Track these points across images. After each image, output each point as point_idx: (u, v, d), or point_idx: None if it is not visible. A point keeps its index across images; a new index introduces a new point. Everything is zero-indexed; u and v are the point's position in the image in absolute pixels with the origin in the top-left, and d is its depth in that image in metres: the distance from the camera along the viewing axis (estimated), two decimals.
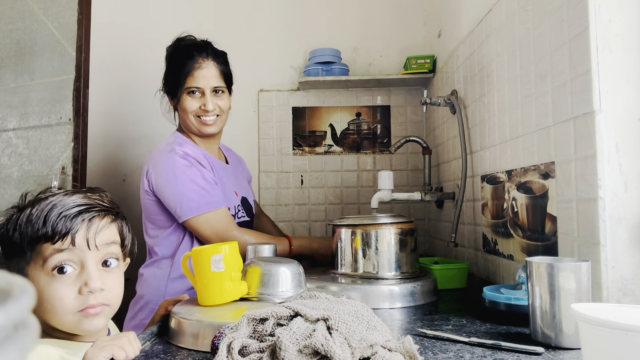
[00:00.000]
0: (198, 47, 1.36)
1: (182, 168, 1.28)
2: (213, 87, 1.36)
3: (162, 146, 1.36)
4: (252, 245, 1.09)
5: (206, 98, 1.34)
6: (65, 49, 1.82)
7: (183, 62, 1.34)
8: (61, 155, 1.79)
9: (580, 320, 0.52)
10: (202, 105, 1.34)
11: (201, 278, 0.83)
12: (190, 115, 1.35)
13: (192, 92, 1.34)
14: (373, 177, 2.15)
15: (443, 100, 1.58)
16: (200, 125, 1.36)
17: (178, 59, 1.35)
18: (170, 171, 1.28)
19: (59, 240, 0.74)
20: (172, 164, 1.28)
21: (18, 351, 0.20)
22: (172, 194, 1.27)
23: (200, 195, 1.27)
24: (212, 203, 1.28)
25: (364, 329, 0.56)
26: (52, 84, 1.84)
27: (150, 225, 1.39)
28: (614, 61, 0.78)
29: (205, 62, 1.35)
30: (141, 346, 0.72)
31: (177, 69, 1.34)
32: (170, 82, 1.38)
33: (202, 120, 1.36)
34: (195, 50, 1.35)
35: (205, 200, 1.27)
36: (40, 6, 1.89)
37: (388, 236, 1.11)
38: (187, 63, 1.33)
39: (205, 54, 1.36)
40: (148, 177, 1.32)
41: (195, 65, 1.33)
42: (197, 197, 1.26)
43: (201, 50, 1.36)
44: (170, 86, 1.38)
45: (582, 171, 0.81)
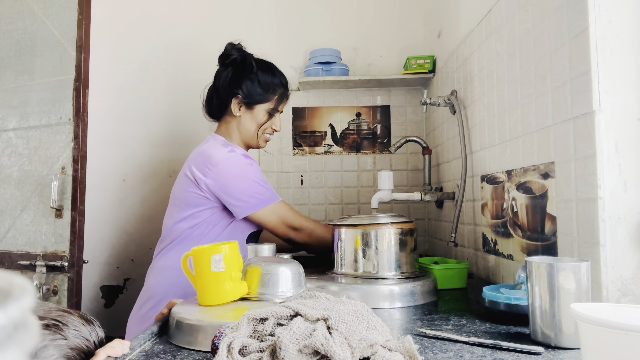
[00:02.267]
0: (280, 73, 1.53)
1: (247, 167, 1.38)
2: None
3: (218, 147, 1.41)
4: (252, 245, 1.09)
5: (278, 120, 1.53)
6: (65, 49, 1.82)
7: (274, 84, 1.48)
8: (61, 155, 1.79)
9: (580, 320, 0.52)
10: (274, 126, 1.51)
11: (201, 278, 0.83)
12: (260, 131, 1.49)
13: (273, 114, 1.50)
14: (373, 177, 2.15)
15: (443, 100, 1.58)
16: (263, 141, 1.52)
17: (270, 77, 1.48)
18: (236, 169, 1.37)
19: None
20: (236, 162, 1.38)
21: (18, 351, 0.20)
22: (239, 191, 1.35)
23: (266, 189, 1.39)
24: (273, 196, 1.40)
25: (364, 329, 0.56)
26: (52, 84, 1.84)
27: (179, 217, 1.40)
28: (614, 61, 0.78)
29: (288, 91, 1.54)
30: (141, 345, 0.72)
31: (268, 87, 1.47)
32: (254, 93, 1.46)
33: (267, 137, 1.52)
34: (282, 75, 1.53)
35: (270, 194, 1.39)
36: (40, 6, 1.89)
37: (388, 236, 1.11)
38: (279, 87, 1.49)
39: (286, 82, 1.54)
40: (205, 174, 1.35)
41: (288, 94, 1.54)
42: (263, 190, 1.38)
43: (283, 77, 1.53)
44: (252, 97, 1.46)
45: (581, 171, 0.81)
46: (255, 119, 1.47)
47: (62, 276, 1.74)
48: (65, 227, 1.76)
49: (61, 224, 1.77)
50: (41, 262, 1.76)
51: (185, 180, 1.40)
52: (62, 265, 1.72)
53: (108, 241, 2.17)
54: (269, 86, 1.47)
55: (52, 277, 1.75)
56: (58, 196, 1.75)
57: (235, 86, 1.46)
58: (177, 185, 1.44)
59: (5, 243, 1.86)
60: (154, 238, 1.84)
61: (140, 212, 2.17)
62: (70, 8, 1.82)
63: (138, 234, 2.16)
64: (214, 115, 1.54)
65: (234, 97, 1.46)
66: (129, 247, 2.17)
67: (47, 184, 1.80)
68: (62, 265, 1.72)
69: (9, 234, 1.86)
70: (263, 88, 1.46)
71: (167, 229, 1.43)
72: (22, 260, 1.79)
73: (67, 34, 1.82)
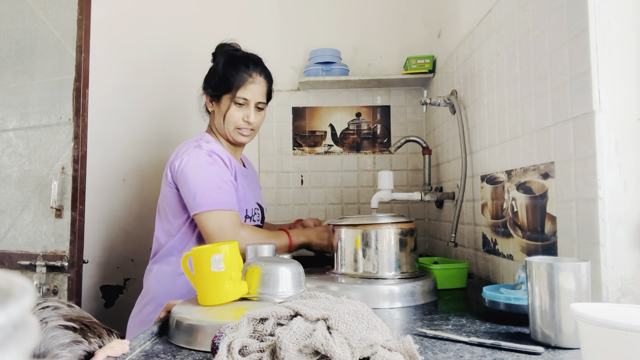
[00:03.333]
0: (254, 61, 1.42)
1: (204, 164, 1.33)
2: (257, 102, 1.42)
3: (189, 141, 1.40)
4: (252, 246, 1.09)
5: (250, 111, 1.41)
6: (65, 49, 1.82)
7: (237, 71, 1.39)
8: (61, 155, 1.79)
9: (580, 320, 0.52)
10: (245, 117, 1.40)
11: (201, 278, 0.83)
12: (230, 124, 1.41)
13: (239, 103, 1.40)
14: (373, 177, 2.15)
15: (443, 100, 1.58)
16: (237, 134, 1.42)
17: (232, 66, 1.40)
18: (194, 164, 1.32)
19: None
20: (196, 158, 1.33)
21: (18, 351, 0.20)
22: (190, 186, 1.30)
23: (216, 193, 1.30)
24: (225, 203, 1.30)
25: (364, 329, 0.56)
26: (52, 84, 1.84)
27: (165, 219, 1.41)
28: (614, 61, 0.78)
29: (257, 77, 1.42)
30: (141, 345, 0.72)
31: (229, 75, 1.39)
32: (216, 85, 1.42)
33: (240, 131, 1.42)
34: (252, 63, 1.41)
35: (219, 199, 1.30)
36: (40, 6, 1.89)
37: (388, 236, 1.11)
38: (241, 73, 1.39)
39: (259, 70, 1.43)
40: (172, 168, 1.36)
41: (249, 79, 1.40)
42: (213, 193, 1.30)
43: (256, 65, 1.42)
44: (215, 89, 1.42)
45: (581, 171, 0.81)
46: (221, 109, 1.42)
47: (62, 276, 1.74)
48: (65, 227, 1.76)
49: (61, 224, 1.77)
50: (41, 262, 1.76)
51: (164, 177, 1.41)
52: (62, 265, 1.72)
53: (108, 241, 2.17)
54: (228, 74, 1.40)
55: (52, 277, 1.75)
56: (58, 196, 1.75)
57: (205, 82, 1.46)
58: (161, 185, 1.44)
59: (5, 243, 1.86)
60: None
61: (140, 212, 2.17)
62: (70, 8, 1.82)
63: (138, 234, 2.16)
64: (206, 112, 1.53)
65: (205, 93, 1.46)
66: (129, 247, 2.17)
67: (47, 184, 1.80)
68: (62, 265, 1.72)
69: (9, 234, 1.86)
70: (222, 77, 1.40)
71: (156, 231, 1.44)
72: (22, 260, 1.79)
73: (67, 34, 1.82)
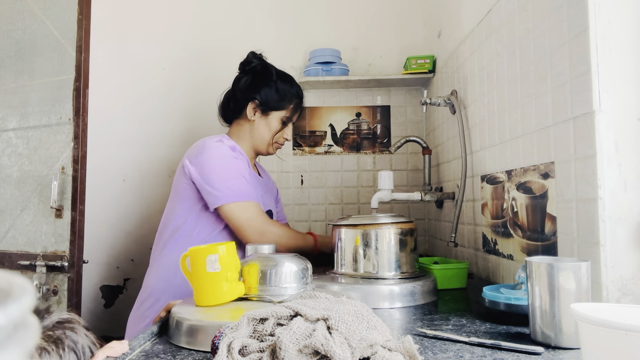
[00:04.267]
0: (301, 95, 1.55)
1: (229, 157, 1.36)
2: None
3: (210, 138, 1.42)
4: (252, 245, 1.09)
5: (289, 130, 1.55)
6: (65, 49, 1.82)
7: (292, 93, 1.51)
8: (61, 155, 1.79)
9: (580, 320, 0.52)
10: (285, 135, 1.54)
11: (197, 278, 0.83)
12: (271, 138, 1.50)
13: (286, 123, 1.51)
14: (373, 177, 2.15)
15: (443, 100, 1.58)
16: (272, 148, 1.53)
17: (288, 87, 1.50)
18: (218, 157, 1.36)
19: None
20: (220, 151, 1.37)
21: (18, 351, 0.20)
22: (213, 178, 1.33)
23: (243, 184, 1.35)
24: (251, 195, 1.35)
25: (364, 329, 0.56)
26: (52, 84, 1.84)
27: (174, 213, 1.41)
28: (614, 61, 0.78)
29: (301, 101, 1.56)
30: (141, 345, 0.72)
31: (286, 96, 1.49)
32: (270, 100, 1.48)
33: (277, 146, 1.54)
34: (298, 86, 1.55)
35: (247, 190, 1.35)
36: (40, 6, 1.89)
37: (388, 236, 1.11)
38: (294, 97, 1.51)
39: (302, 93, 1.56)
40: (193, 162, 1.37)
41: (302, 106, 1.56)
42: (241, 185, 1.34)
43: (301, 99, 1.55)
44: (267, 104, 1.48)
45: (581, 171, 0.81)
46: (269, 125, 1.49)
47: (62, 276, 1.74)
48: (65, 227, 1.76)
49: (61, 224, 1.77)
50: (41, 262, 1.75)
51: (179, 172, 1.42)
52: (62, 265, 1.72)
53: (108, 241, 2.17)
54: (286, 95, 1.49)
55: (52, 277, 1.75)
56: (58, 196, 1.75)
57: (254, 91, 1.48)
58: (174, 179, 1.46)
59: (5, 243, 1.86)
60: (154, 238, 1.84)
61: (140, 212, 2.17)
62: (70, 8, 1.82)
63: (138, 233, 2.16)
64: (228, 118, 1.57)
65: (251, 102, 1.48)
66: (129, 247, 2.17)
67: (47, 184, 1.80)
68: (62, 265, 1.72)
69: (9, 234, 1.86)
70: (280, 96, 1.48)
71: (162, 224, 1.45)
72: (22, 260, 1.79)
73: (67, 34, 1.82)
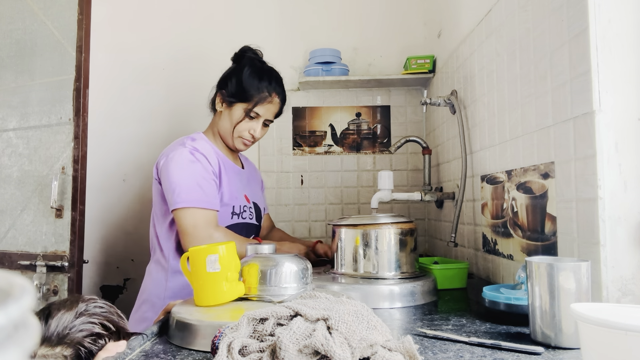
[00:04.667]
0: (277, 80, 1.45)
1: (186, 161, 1.34)
2: (265, 119, 1.46)
3: (176, 142, 1.42)
4: (252, 245, 1.09)
5: (258, 125, 1.44)
6: (65, 49, 1.82)
7: (260, 86, 1.41)
8: (61, 155, 1.79)
9: (580, 320, 0.52)
10: (252, 130, 1.43)
11: (197, 278, 0.83)
12: (236, 132, 1.43)
13: (251, 116, 1.42)
14: (373, 177, 2.15)
15: (443, 100, 1.58)
16: (239, 144, 1.45)
17: (257, 79, 1.42)
18: (175, 162, 1.34)
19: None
20: (179, 155, 1.35)
21: (18, 351, 0.20)
22: (171, 183, 1.31)
23: (194, 191, 1.30)
24: (203, 201, 1.30)
25: (364, 329, 0.56)
26: (52, 84, 1.84)
27: (155, 218, 1.43)
28: (614, 61, 0.78)
29: (275, 98, 1.45)
30: (141, 345, 0.72)
31: (251, 88, 1.41)
32: (235, 92, 1.42)
33: (243, 140, 1.45)
34: (274, 82, 1.44)
35: (197, 197, 1.30)
36: (40, 6, 1.89)
37: (388, 236, 1.11)
38: (263, 90, 1.41)
39: (279, 90, 1.46)
40: (157, 166, 1.39)
41: (268, 98, 1.43)
42: (192, 191, 1.30)
43: (278, 85, 1.45)
44: (232, 95, 1.42)
45: (581, 171, 0.81)
46: (231, 116, 1.43)
47: (62, 276, 1.74)
48: (65, 227, 1.76)
49: (61, 224, 1.77)
50: (41, 262, 1.76)
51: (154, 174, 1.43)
52: (62, 265, 1.72)
53: (108, 241, 2.17)
54: (250, 86, 1.41)
55: (52, 277, 1.75)
56: (58, 196, 1.75)
57: (223, 81, 1.47)
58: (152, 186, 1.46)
59: (5, 243, 1.86)
60: None
61: (140, 212, 2.17)
62: (71, 8, 1.82)
63: (138, 234, 2.16)
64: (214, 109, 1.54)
65: (219, 93, 1.47)
66: (129, 247, 2.17)
67: (47, 184, 1.80)
68: (62, 265, 1.72)
69: (9, 234, 1.86)
70: (243, 87, 1.42)
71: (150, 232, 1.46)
72: (22, 260, 1.79)
73: (67, 34, 1.82)
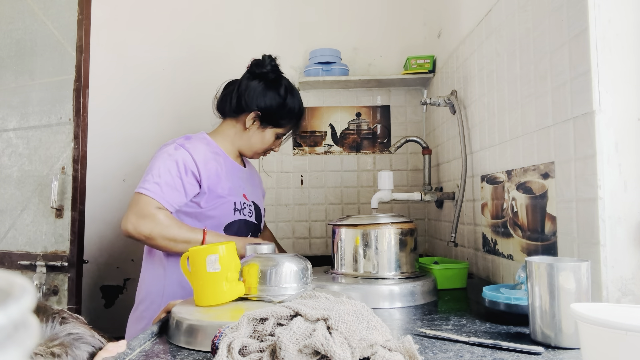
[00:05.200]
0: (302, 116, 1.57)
1: (163, 154, 1.36)
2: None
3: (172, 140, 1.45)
4: (251, 245, 1.09)
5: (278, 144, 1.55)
6: (65, 49, 1.82)
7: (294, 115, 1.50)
8: (61, 155, 1.79)
9: (580, 320, 0.52)
10: (275, 147, 1.55)
11: (197, 278, 0.83)
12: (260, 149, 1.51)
13: (278, 137, 1.52)
14: (373, 177, 2.15)
15: (443, 100, 1.58)
16: (255, 155, 1.55)
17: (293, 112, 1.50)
18: (158, 152, 1.38)
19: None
20: (163, 147, 1.39)
21: (18, 351, 0.20)
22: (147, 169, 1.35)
23: (154, 181, 1.30)
24: (157, 193, 1.28)
25: (364, 329, 0.56)
26: (52, 84, 1.84)
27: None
28: (614, 61, 0.78)
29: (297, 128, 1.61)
30: (141, 345, 0.72)
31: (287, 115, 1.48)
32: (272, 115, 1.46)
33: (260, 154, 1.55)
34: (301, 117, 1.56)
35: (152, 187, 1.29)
36: (40, 6, 1.89)
37: (388, 236, 1.11)
38: (294, 119, 1.52)
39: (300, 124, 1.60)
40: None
41: (296, 130, 1.64)
42: (152, 180, 1.30)
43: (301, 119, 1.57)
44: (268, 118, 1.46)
45: (581, 171, 0.81)
46: (263, 138, 1.48)
47: (62, 276, 1.74)
48: (65, 227, 1.76)
49: (61, 224, 1.77)
50: (41, 262, 1.76)
51: None
52: (62, 265, 1.72)
53: (108, 241, 2.17)
54: (290, 114, 1.48)
55: (52, 277, 1.75)
56: (58, 196, 1.75)
57: (260, 101, 1.44)
58: None
59: (6, 243, 1.86)
60: None
61: None
62: (71, 8, 1.82)
63: None
64: (224, 113, 1.51)
65: (255, 112, 1.44)
66: (129, 247, 2.17)
67: (47, 184, 1.80)
68: (62, 265, 1.72)
69: (9, 234, 1.86)
70: (283, 114, 1.47)
71: None
72: (22, 260, 1.79)
73: (67, 34, 1.82)
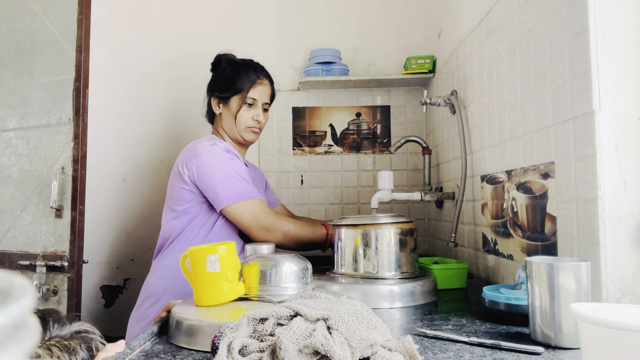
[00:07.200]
0: (260, 66, 1.53)
1: (225, 159, 1.38)
2: (264, 103, 1.52)
3: (202, 141, 1.44)
4: (251, 245, 1.09)
5: (259, 111, 1.50)
6: (65, 49, 1.82)
7: (246, 73, 1.48)
8: (61, 155, 1.79)
9: (580, 320, 0.52)
10: (255, 116, 1.49)
11: (197, 278, 0.83)
12: (241, 123, 1.48)
13: (249, 103, 1.48)
14: (373, 177, 2.15)
15: (443, 100, 1.58)
16: (248, 133, 1.50)
17: (241, 69, 1.49)
18: (214, 161, 1.37)
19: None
20: (216, 155, 1.38)
21: (18, 351, 0.20)
22: (215, 182, 1.35)
23: (242, 184, 1.36)
24: (253, 192, 1.36)
25: (364, 329, 0.56)
26: (52, 84, 1.84)
27: (173, 215, 1.43)
28: (614, 61, 0.78)
29: (264, 79, 1.52)
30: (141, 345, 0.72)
31: (238, 78, 1.48)
32: (225, 87, 1.49)
33: (251, 129, 1.50)
34: (258, 67, 1.52)
35: (247, 189, 1.36)
36: (40, 6, 1.89)
37: (388, 236, 1.11)
38: (250, 75, 1.48)
39: (265, 73, 1.53)
40: (189, 167, 1.39)
41: (257, 80, 1.50)
42: (240, 185, 1.35)
43: (262, 69, 1.53)
44: (224, 91, 1.49)
45: (581, 171, 0.81)
46: (230, 110, 1.49)
47: (62, 276, 1.74)
48: (65, 227, 1.76)
49: (61, 224, 1.77)
50: (41, 262, 1.76)
51: (174, 176, 1.43)
52: (62, 265, 1.72)
53: (108, 241, 2.17)
54: (237, 77, 1.48)
55: (52, 277, 1.75)
56: (58, 196, 1.75)
57: (211, 86, 1.53)
58: (169, 183, 1.47)
59: (5, 243, 1.86)
60: (154, 238, 1.84)
61: (140, 212, 2.17)
62: (70, 8, 1.82)
63: (138, 234, 2.16)
64: (211, 120, 1.60)
65: (212, 97, 1.52)
66: (129, 247, 2.17)
67: (47, 184, 1.80)
68: (62, 265, 1.72)
69: (9, 234, 1.86)
70: (232, 80, 1.48)
71: (162, 227, 1.46)
72: (22, 260, 1.79)
73: (67, 34, 1.82)
